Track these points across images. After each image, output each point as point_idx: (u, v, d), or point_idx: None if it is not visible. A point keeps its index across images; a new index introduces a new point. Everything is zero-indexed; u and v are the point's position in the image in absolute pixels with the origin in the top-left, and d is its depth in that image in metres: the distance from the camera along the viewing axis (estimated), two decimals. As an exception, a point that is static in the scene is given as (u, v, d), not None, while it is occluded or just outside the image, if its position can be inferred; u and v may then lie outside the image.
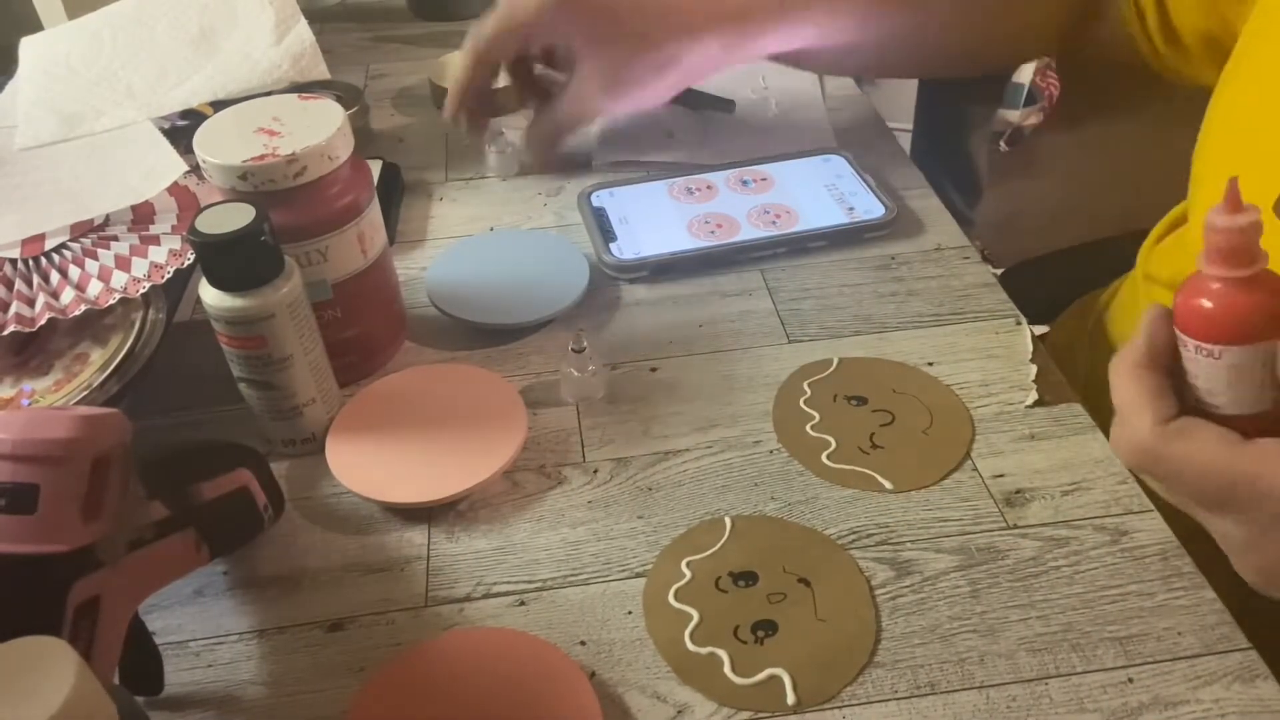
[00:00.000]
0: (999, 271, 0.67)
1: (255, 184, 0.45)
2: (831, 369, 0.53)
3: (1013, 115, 2.22)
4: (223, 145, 0.46)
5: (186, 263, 0.53)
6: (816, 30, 0.61)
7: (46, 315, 0.50)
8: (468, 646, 0.40)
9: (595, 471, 0.48)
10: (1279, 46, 0.44)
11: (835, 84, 0.82)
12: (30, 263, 0.55)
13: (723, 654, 0.39)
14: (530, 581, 0.43)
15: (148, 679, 0.38)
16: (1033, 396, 0.51)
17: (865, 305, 0.57)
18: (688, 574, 0.43)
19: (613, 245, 0.61)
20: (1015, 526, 0.44)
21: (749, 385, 0.53)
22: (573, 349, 0.51)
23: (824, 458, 0.48)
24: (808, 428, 0.50)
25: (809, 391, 0.52)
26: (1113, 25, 0.59)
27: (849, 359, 0.54)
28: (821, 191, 0.66)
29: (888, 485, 0.47)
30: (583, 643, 0.40)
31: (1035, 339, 0.54)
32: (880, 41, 0.64)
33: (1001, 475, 0.47)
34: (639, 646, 0.40)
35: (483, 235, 0.65)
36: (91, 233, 0.56)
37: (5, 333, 0.50)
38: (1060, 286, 0.76)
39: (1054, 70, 2.33)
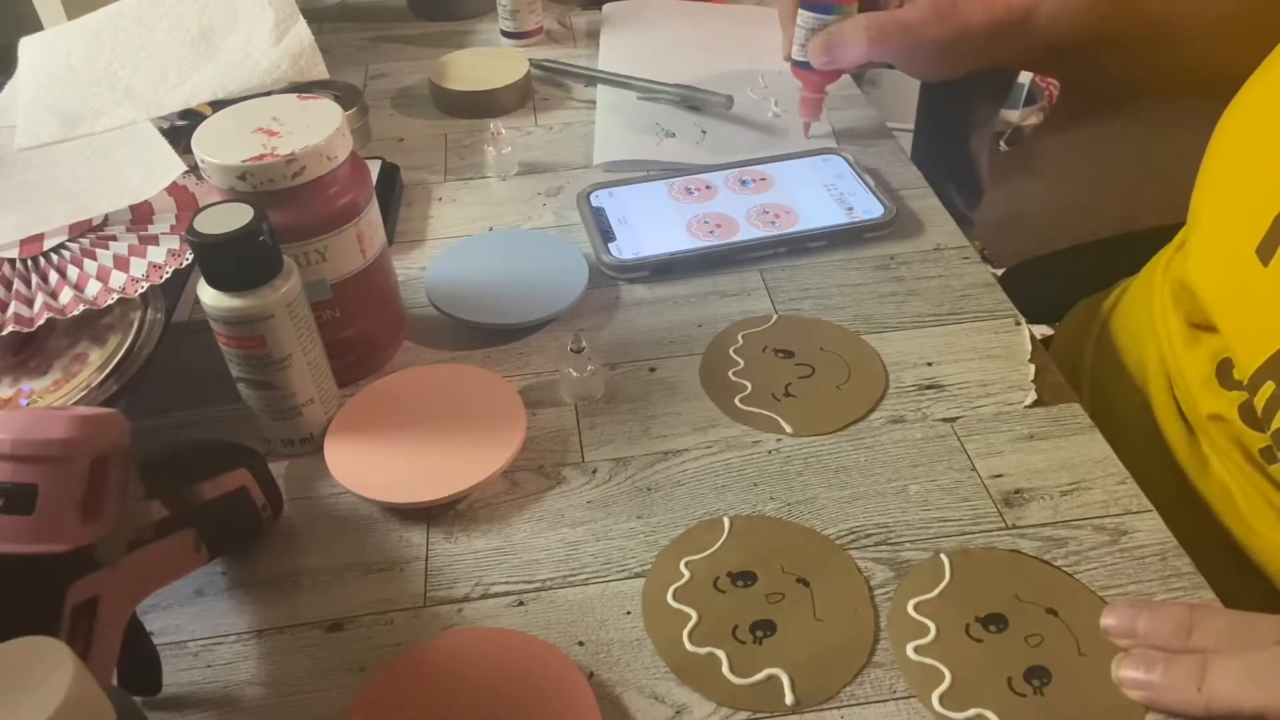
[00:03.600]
0: (999, 271, 0.67)
1: (254, 184, 0.45)
2: (770, 324, 0.56)
3: (1013, 115, 2.23)
4: (221, 145, 0.46)
5: (185, 263, 0.53)
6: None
7: (45, 315, 0.50)
8: (467, 647, 0.40)
9: (594, 471, 0.48)
10: None
11: (835, 84, 0.82)
12: (29, 263, 0.55)
13: (721, 654, 0.39)
14: (529, 582, 0.43)
15: (146, 679, 0.38)
16: (1032, 396, 0.51)
17: (865, 305, 0.57)
18: (686, 574, 0.43)
19: (612, 245, 0.61)
20: (1014, 526, 0.44)
21: (748, 385, 0.52)
22: (572, 349, 0.51)
23: (736, 400, 0.51)
24: (730, 373, 0.53)
25: (741, 341, 0.55)
26: None
27: (788, 316, 0.57)
28: (821, 191, 0.66)
29: (788, 429, 0.50)
30: (581, 643, 0.40)
31: (1034, 339, 0.54)
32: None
33: (1000, 475, 0.47)
34: (638, 647, 0.40)
35: (482, 235, 0.65)
36: (90, 233, 0.56)
37: (4, 333, 0.50)
38: (1060, 287, 0.76)
39: (1054, 70, 2.32)
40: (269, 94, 0.59)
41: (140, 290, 0.52)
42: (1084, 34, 0.58)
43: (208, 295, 0.44)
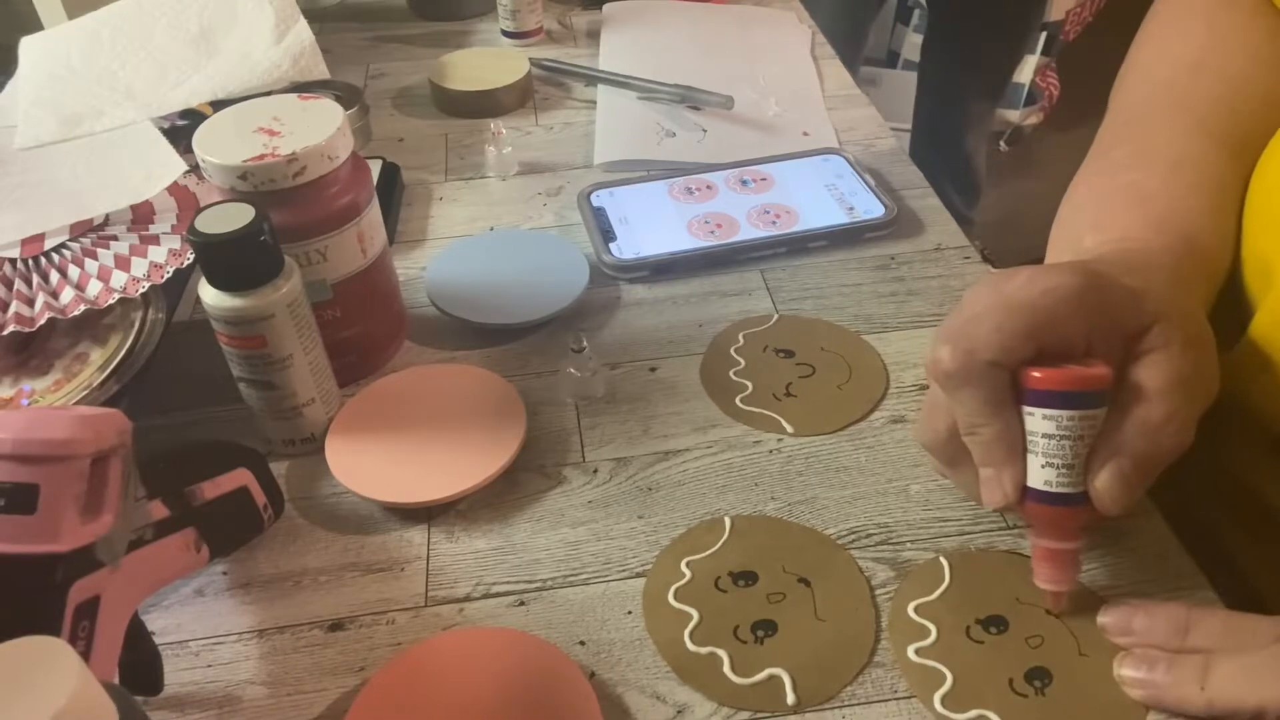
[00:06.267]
0: (999, 272, 0.67)
1: (255, 184, 0.45)
2: (770, 323, 0.56)
3: (1013, 115, 2.23)
4: (222, 145, 0.46)
5: (186, 262, 0.53)
6: None
7: (46, 315, 0.50)
8: (467, 647, 0.40)
9: (595, 471, 0.48)
10: None
11: (835, 84, 0.82)
12: (30, 262, 0.55)
13: (722, 654, 0.39)
14: (530, 581, 0.43)
15: (147, 679, 0.38)
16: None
17: (865, 305, 0.57)
18: (687, 574, 0.43)
19: (612, 245, 0.61)
20: (1015, 527, 0.44)
21: (749, 385, 0.52)
22: (573, 349, 0.51)
23: (737, 400, 0.51)
24: (730, 372, 0.53)
25: (742, 341, 0.55)
26: None
27: (789, 316, 0.57)
28: (821, 191, 0.66)
29: (789, 429, 0.50)
30: (582, 643, 0.40)
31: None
32: None
33: (1001, 475, 0.47)
34: (639, 646, 0.40)
35: (483, 235, 0.65)
36: (91, 232, 0.56)
37: (5, 332, 0.50)
38: None
39: (1054, 70, 2.34)
40: (269, 94, 0.59)
41: (141, 290, 0.52)
42: None
43: (209, 295, 0.44)
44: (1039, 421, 0.37)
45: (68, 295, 0.52)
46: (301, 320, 0.46)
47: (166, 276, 0.52)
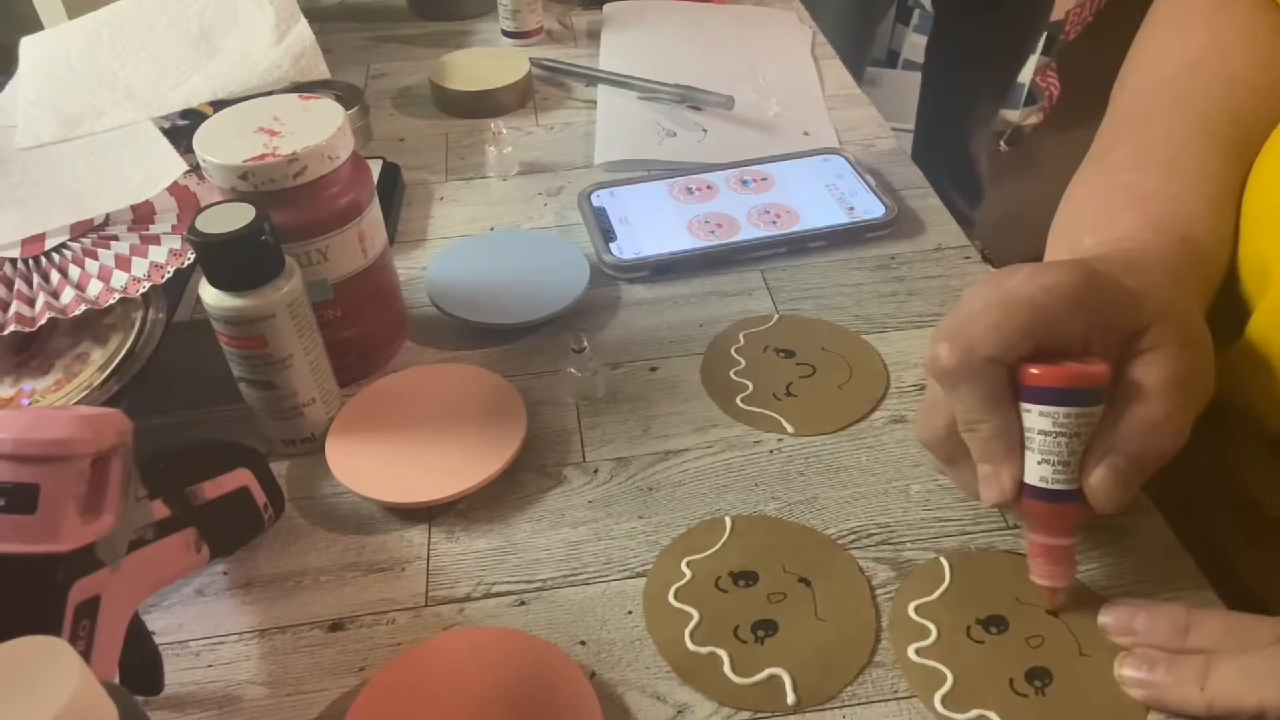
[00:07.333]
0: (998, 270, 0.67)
1: (255, 184, 0.45)
2: (771, 323, 0.56)
3: (1013, 115, 2.23)
4: (223, 145, 0.46)
5: (187, 262, 0.53)
6: None
7: (46, 315, 0.50)
8: (468, 646, 0.40)
9: (595, 471, 0.48)
10: None
11: (835, 83, 0.82)
12: (30, 262, 0.55)
13: (723, 654, 0.39)
14: (530, 581, 0.43)
15: (147, 679, 0.38)
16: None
17: (865, 305, 0.57)
18: (688, 574, 0.43)
19: (613, 245, 0.61)
20: (1015, 527, 0.44)
21: (749, 385, 0.52)
22: (573, 349, 0.51)
23: (738, 400, 0.51)
24: (731, 372, 0.53)
25: (742, 341, 0.55)
26: None
27: (789, 316, 0.57)
28: (822, 191, 0.66)
29: (789, 429, 0.50)
30: (583, 642, 0.40)
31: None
32: None
33: (1002, 475, 0.47)
34: (639, 646, 0.40)
35: (483, 235, 0.65)
36: (91, 232, 0.56)
37: (5, 332, 0.50)
38: None
39: (1054, 70, 2.34)
40: (270, 94, 0.59)
41: (142, 290, 0.52)
42: None
43: (209, 295, 0.44)
44: (1036, 418, 0.37)
45: (68, 295, 0.52)
46: (302, 320, 0.46)
47: (167, 276, 0.52)
